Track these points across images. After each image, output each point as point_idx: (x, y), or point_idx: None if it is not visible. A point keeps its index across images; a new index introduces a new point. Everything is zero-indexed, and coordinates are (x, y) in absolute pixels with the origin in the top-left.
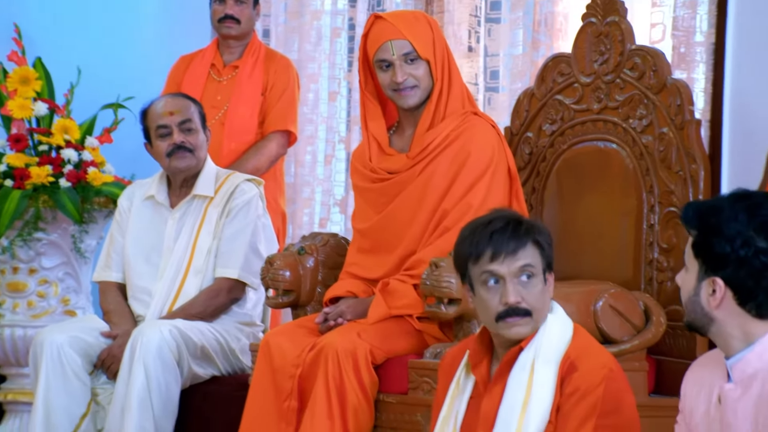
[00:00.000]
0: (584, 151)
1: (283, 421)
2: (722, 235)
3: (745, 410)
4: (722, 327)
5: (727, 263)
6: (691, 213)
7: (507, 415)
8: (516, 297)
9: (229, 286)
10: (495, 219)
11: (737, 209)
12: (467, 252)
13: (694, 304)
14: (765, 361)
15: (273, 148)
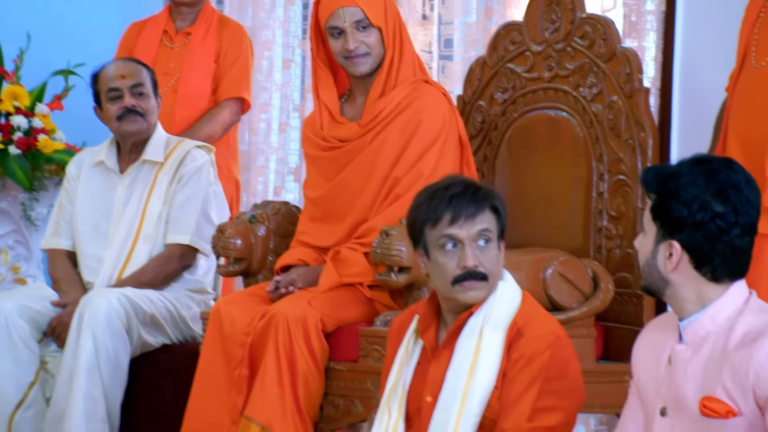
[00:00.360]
0: (535, 119)
1: (233, 389)
2: (680, 199)
3: (695, 371)
4: (677, 290)
5: (684, 227)
6: (650, 177)
7: (454, 381)
8: (474, 261)
9: (180, 252)
10: (453, 183)
11: (695, 174)
12: (425, 216)
13: (651, 267)
14: (717, 324)
15: (226, 115)
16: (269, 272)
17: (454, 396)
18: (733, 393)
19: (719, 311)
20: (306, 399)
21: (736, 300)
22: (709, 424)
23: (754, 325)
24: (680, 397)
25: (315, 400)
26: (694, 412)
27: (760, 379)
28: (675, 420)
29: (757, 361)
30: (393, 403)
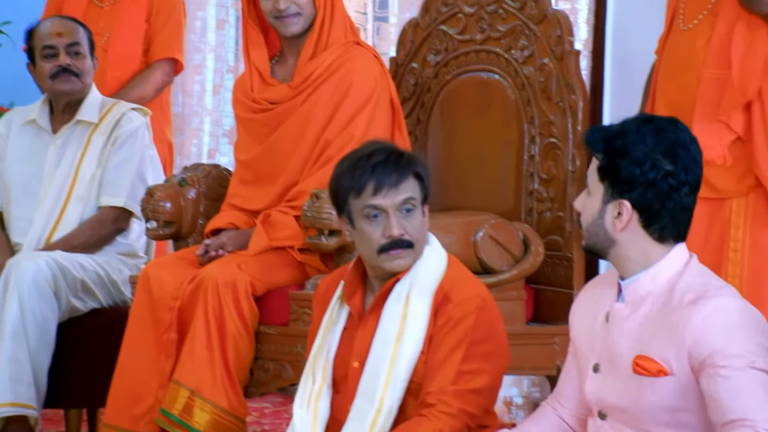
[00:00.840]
0: (467, 82)
1: (162, 353)
2: (630, 158)
3: (631, 329)
4: (623, 249)
5: (635, 186)
6: (597, 136)
7: (381, 347)
8: (399, 230)
9: (114, 216)
10: (375, 151)
11: (644, 133)
12: (348, 186)
13: (597, 227)
14: (657, 284)
15: (158, 76)
16: (199, 236)
17: (381, 362)
18: (667, 353)
19: (660, 272)
20: (236, 363)
21: (677, 262)
22: (639, 382)
23: (693, 288)
24: (615, 354)
25: (245, 363)
26: (627, 370)
27: (696, 342)
28: (606, 376)
29: (695, 324)
30: (317, 369)
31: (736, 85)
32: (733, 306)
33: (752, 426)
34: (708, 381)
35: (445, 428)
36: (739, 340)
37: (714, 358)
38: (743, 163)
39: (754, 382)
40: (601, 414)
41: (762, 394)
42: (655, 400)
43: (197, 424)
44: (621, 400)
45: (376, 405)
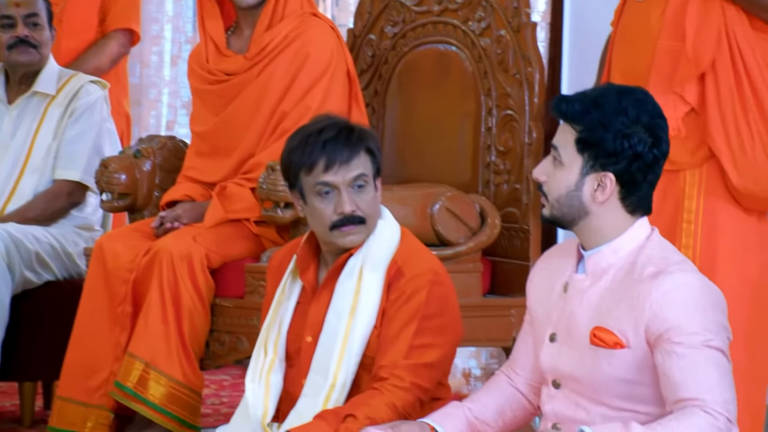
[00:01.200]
0: (425, 53)
1: (117, 326)
2: (615, 131)
3: (590, 300)
4: (594, 221)
5: (621, 158)
6: (576, 108)
7: (334, 321)
8: (351, 206)
9: (69, 189)
10: (326, 127)
11: (625, 105)
12: (299, 162)
13: (572, 198)
14: (619, 257)
15: (114, 47)
16: (155, 208)
17: (335, 336)
18: (625, 326)
19: (623, 245)
20: (191, 336)
21: (639, 235)
22: (595, 353)
23: (653, 261)
24: (572, 324)
25: (200, 336)
26: (584, 341)
27: (655, 316)
28: (563, 346)
29: (654, 299)
30: (269, 343)
31: (690, 56)
32: (693, 282)
33: (701, 406)
34: (663, 357)
35: (397, 402)
36: (696, 317)
37: (670, 334)
38: (697, 134)
39: (709, 362)
40: (555, 383)
41: (715, 374)
42: (610, 371)
43: (152, 397)
44: (576, 370)
45: (330, 380)
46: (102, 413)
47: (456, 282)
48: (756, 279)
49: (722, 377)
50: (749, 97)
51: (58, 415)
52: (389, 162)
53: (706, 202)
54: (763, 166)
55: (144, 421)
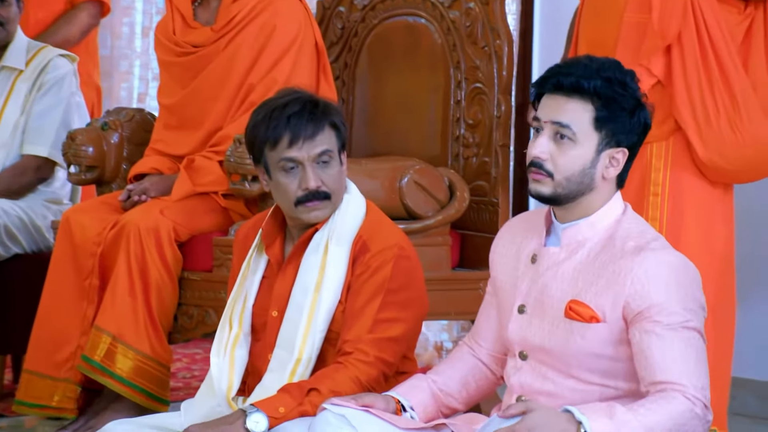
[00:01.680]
0: (394, 25)
1: (84, 299)
2: (631, 106)
3: (565, 273)
4: (594, 196)
5: (635, 133)
6: (597, 84)
7: (300, 296)
8: (316, 182)
9: (36, 165)
10: (290, 101)
11: (626, 78)
12: (263, 137)
13: (585, 176)
14: (596, 231)
15: (84, 18)
16: (123, 181)
17: (300, 311)
18: (603, 300)
19: (600, 219)
20: (159, 309)
21: (616, 209)
22: (569, 326)
23: (632, 235)
24: (545, 297)
25: (168, 310)
26: (558, 313)
27: (636, 293)
28: (533, 318)
29: (637, 275)
30: (234, 317)
31: (656, 28)
32: (675, 261)
33: (682, 392)
34: (641, 335)
35: (361, 376)
36: (678, 296)
37: (651, 312)
38: (663, 107)
39: (687, 344)
40: (522, 355)
41: (693, 358)
42: (583, 345)
43: (120, 371)
44: (547, 343)
45: (296, 354)
46: (69, 387)
47: (425, 255)
48: (721, 251)
49: (699, 361)
50: (714, 70)
51: (25, 389)
52: (359, 135)
53: (673, 174)
54: (728, 139)
55: (112, 395)
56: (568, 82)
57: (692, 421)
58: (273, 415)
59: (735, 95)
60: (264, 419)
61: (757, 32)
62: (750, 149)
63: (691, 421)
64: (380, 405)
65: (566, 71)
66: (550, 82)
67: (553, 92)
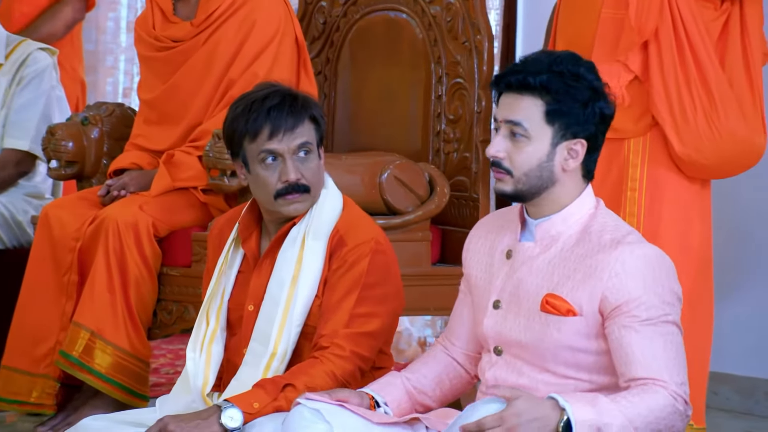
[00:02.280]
0: (376, 20)
1: (63, 294)
2: (584, 98)
3: (541, 268)
4: (557, 189)
5: (591, 123)
6: (543, 79)
7: (276, 290)
8: (296, 174)
9: (17, 159)
10: (270, 94)
11: (579, 69)
12: (242, 130)
13: (543, 170)
14: (568, 225)
15: (68, 12)
16: (104, 176)
17: (276, 305)
18: (579, 294)
19: (572, 213)
20: (138, 304)
21: (588, 203)
22: (545, 320)
23: (608, 228)
24: (521, 291)
25: (148, 305)
26: (533, 307)
27: (614, 287)
28: (508, 313)
29: (615, 269)
30: (211, 312)
31: (633, 25)
32: (652, 254)
33: (664, 387)
34: (619, 330)
35: (337, 370)
36: (656, 290)
37: (630, 306)
38: (641, 103)
39: (667, 341)
40: (497, 350)
41: (673, 354)
42: (559, 338)
43: (98, 366)
44: (523, 337)
45: (271, 349)
46: (48, 383)
47: (405, 251)
48: (698, 246)
49: (678, 356)
50: (691, 66)
51: (3, 385)
52: (342, 130)
53: (650, 170)
54: (704, 134)
55: (91, 391)
56: (516, 80)
57: (673, 416)
58: (248, 411)
59: (711, 91)
60: (239, 414)
61: (734, 28)
62: (726, 145)
63: (672, 416)
64: (354, 401)
65: (517, 69)
66: (502, 81)
67: (506, 91)
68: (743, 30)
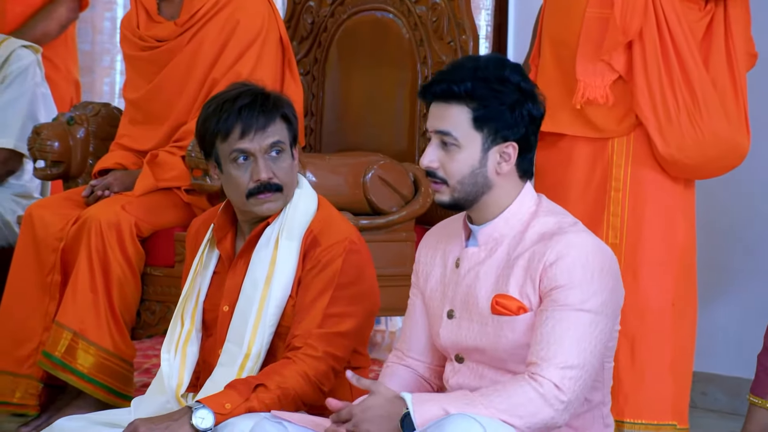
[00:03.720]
0: (363, 21)
1: (46, 295)
2: (511, 101)
3: (487, 272)
4: (494, 193)
5: (521, 126)
6: (469, 87)
7: (250, 290)
8: (267, 173)
9: (3, 158)
10: (241, 94)
11: (504, 72)
12: (214, 129)
13: (477, 176)
14: (511, 226)
15: (63, 12)
16: (89, 176)
17: (250, 306)
18: (525, 289)
19: (514, 214)
20: (121, 305)
21: (528, 202)
22: (498, 322)
23: (548, 227)
24: (471, 297)
25: (131, 305)
26: (485, 312)
27: (546, 277)
28: (461, 321)
29: (548, 259)
30: (186, 313)
31: (618, 24)
32: (585, 243)
33: (532, 373)
34: (539, 315)
35: (309, 371)
36: (582, 278)
37: (553, 294)
38: (625, 102)
39: (572, 324)
40: (458, 358)
41: (571, 337)
42: (514, 338)
43: (81, 367)
44: (480, 342)
45: (245, 349)
46: (31, 383)
47: (389, 251)
48: (682, 246)
49: (579, 340)
50: (675, 66)
51: None
52: (330, 130)
53: (634, 170)
54: (688, 134)
55: (74, 391)
56: (440, 89)
57: (534, 402)
58: (219, 411)
59: (695, 91)
60: (210, 415)
61: (717, 29)
62: (709, 144)
63: (532, 402)
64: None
65: (441, 78)
66: (428, 92)
67: (434, 101)
68: (727, 31)
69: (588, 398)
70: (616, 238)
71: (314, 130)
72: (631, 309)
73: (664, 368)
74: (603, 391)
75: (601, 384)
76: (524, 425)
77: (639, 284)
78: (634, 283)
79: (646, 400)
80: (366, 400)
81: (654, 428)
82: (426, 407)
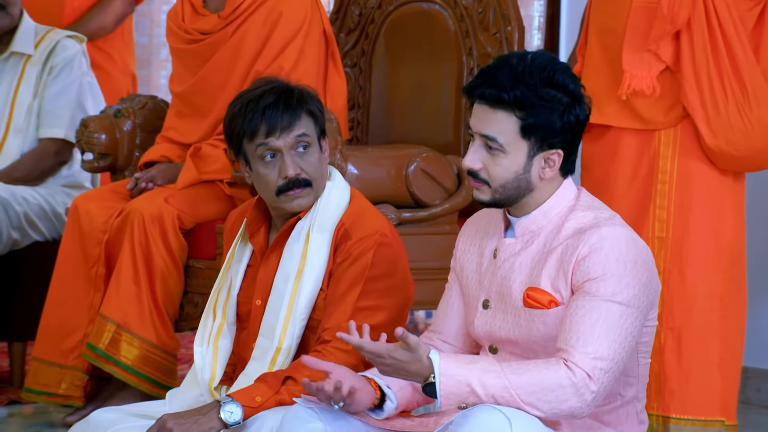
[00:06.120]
0: (409, 12)
1: (91, 287)
2: (560, 109)
3: (522, 264)
4: (537, 194)
5: (568, 132)
6: (517, 94)
7: (282, 284)
8: (295, 169)
9: (56, 148)
10: (266, 92)
11: (552, 75)
12: (240, 129)
13: (521, 180)
14: (548, 219)
15: (118, 5)
16: (136, 168)
17: (282, 299)
18: (558, 282)
19: (552, 207)
20: (164, 297)
21: (567, 196)
22: (530, 315)
23: (584, 221)
24: (505, 288)
25: (174, 298)
26: (518, 304)
27: (579, 269)
28: (497, 312)
29: (581, 252)
30: (219, 307)
31: (665, 13)
32: (619, 236)
33: (566, 358)
34: (569, 306)
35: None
36: (615, 271)
37: (586, 285)
38: (672, 93)
39: (603, 315)
40: (492, 348)
41: (602, 328)
42: (546, 332)
43: (125, 359)
44: (512, 333)
45: (276, 343)
46: (76, 374)
47: (432, 244)
48: (731, 240)
49: (609, 331)
50: (724, 57)
51: (33, 376)
52: (377, 122)
53: (681, 162)
54: (736, 126)
55: (119, 383)
56: (489, 93)
57: (565, 390)
58: (249, 405)
59: (744, 82)
60: (238, 409)
61: None
62: (758, 136)
63: (563, 389)
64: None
65: (489, 81)
66: (474, 93)
67: (479, 102)
68: None
69: (621, 393)
70: (663, 232)
71: (361, 122)
72: (678, 303)
73: (711, 364)
74: (637, 387)
75: (635, 379)
76: (549, 410)
77: (686, 278)
78: (681, 277)
79: (692, 395)
80: (398, 352)
81: (701, 424)
82: (452, 383)
